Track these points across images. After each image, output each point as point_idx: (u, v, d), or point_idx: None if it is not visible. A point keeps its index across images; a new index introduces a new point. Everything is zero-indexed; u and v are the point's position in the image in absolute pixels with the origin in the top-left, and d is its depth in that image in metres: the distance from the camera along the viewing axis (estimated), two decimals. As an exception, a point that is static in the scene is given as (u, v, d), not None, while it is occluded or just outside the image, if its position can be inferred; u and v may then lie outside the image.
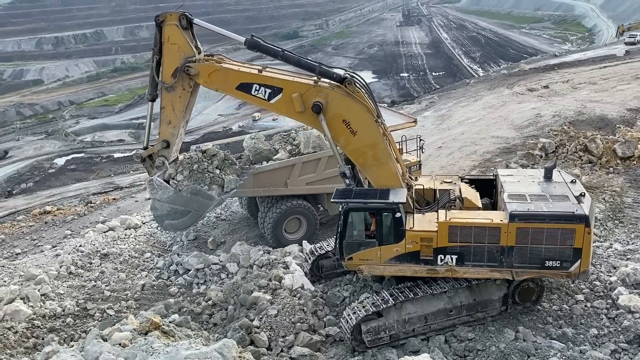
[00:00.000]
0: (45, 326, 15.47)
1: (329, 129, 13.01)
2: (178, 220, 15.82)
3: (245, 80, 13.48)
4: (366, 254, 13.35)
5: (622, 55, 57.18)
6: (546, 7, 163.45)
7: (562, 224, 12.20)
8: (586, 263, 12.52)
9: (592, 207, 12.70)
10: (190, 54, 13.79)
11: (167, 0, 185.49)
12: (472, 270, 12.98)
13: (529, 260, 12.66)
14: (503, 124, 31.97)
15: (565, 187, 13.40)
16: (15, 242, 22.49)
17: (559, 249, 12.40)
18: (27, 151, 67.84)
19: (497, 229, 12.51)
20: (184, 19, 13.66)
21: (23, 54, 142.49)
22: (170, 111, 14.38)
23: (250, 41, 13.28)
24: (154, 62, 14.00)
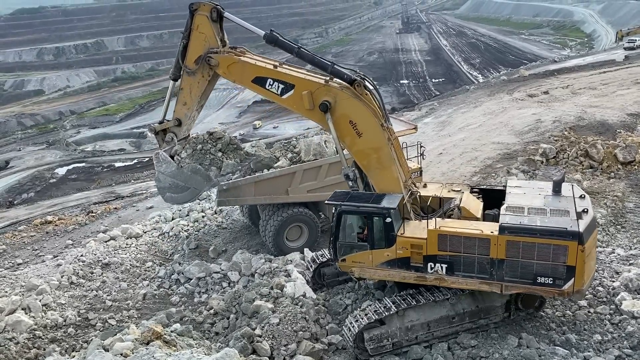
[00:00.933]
0: (46, 336, 15.42)
1: (336, 128, 13.30)
2: (178, 195, 16.71)
3: (261, 74, 13.93)
4: (358, 257, 13.50)
5: (621, 60, 57.29)
6: (545, 13, 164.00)
7: (554, 240, 11.73)
8: (580, 282, 11.92)
9: (590, 224, 12.10)
10: (215, 46, 14.39)
11: (168, 10, 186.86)
12: (462, 280, 12.76)
13: (520, 274, 12.21)
14: (503, 130, 31.98)
15: (570, 202, 12.76)
16: (17, 252, 22.47)
17: (552, 265, 11.91)
18: (28, 161, 67.98)
19: (486, 240, 12.21)
20: (215, 12, 14.25)
21: (24, 65, 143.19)
22: (187, 94, 15.23)
23: (269, 36, 13.74)
24: (181, 45, 14.69)
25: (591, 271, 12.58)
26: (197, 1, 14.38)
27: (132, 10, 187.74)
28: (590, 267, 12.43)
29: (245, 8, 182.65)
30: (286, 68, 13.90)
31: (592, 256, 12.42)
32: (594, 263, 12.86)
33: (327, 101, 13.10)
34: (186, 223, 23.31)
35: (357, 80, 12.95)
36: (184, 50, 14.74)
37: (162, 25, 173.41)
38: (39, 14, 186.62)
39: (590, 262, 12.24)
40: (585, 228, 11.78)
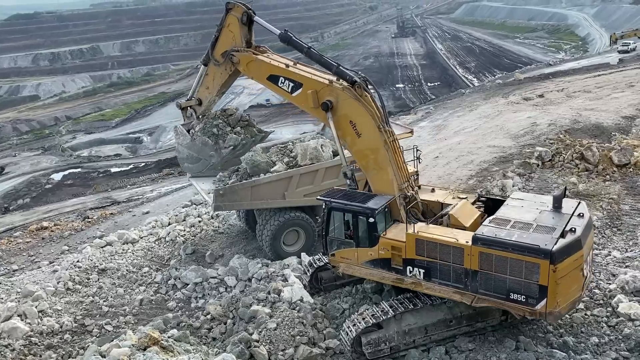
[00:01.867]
0: (42, 343, 15.35)
1: (338, 127, 13.85)
2: (193, 165, 18.62)
3: (274, 72, 14.89)
4: (345, 253, 13.92)
5: (615, 63, 57.62)
6: (540, 17, 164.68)
7: (526, 257, 11.30)
8: (553, 304, 11.39)
9: (572, 244, 11.43)
10: (239, 45, 15.62)
11: (164, 15, 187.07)
12: (437, 287, 12.75)
13: (493, 288, 11.92)
14: (499, 133, 32.07)
15: (564, 220, 12.17)
16: (12, 258, 22.38)
17: (524, 282, 11.48)
18: (23, 167, 67.69)
19: (460, 249, 12.12)
20: (246, 16, 15.33)
21: (19, 70, 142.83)
22: (211, 80, 16.92)
23: (283, 35, 14.81)
24: (214, 37, 16.21)
25: (571, 295, 11.79)
26: (233, 1, 15.52)
27: (127, 16, 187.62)
28: (570, 290, 11.66)
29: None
30: (296, 68, 14.61)
31: (572, 278, 11.60)
32: (576, 287, 11.88)
33: (330, 101, 13.61)
34: (183, 228, 23.27)
35: (357, 82, 13.31)
36: (215, 42, 16.13)
37: (157, 30, 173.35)
38: (35, 19, 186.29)
39: (568, 283, 11.52)
40: (563, 247, 11.22)
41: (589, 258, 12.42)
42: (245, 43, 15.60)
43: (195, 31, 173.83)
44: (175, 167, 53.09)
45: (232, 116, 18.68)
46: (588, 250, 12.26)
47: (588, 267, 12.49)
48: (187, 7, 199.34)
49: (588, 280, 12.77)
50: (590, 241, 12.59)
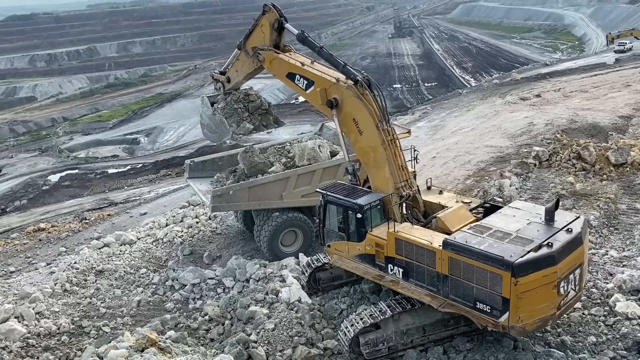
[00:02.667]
0: (40, 345, 15.32)
1: (342, 125, 14.33)
2: (211, 134, 19.80)
3: (292, 70, 15.59)
4: (339, 246, 14.45)
5: (612, 63, 57.75)
6: (536, 17, 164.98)
7: (490, 267, 11.07)
8: (515, 318, 11.06)
9: (543, 259, 10.99)
10: (267, 45, 16.37)
11: (161, 16, 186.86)
12: (412, 288, 12.81)
13: (462, 295, 11.83)
14: (496, 133, 32.11)
15: (548, 233, 11.72)
16: (9, 260, 22.32)
17: (489, 292, 11.27)
18: (20, 168, 67.47)
19: (432, 252, 12.14)
20: (277, 23, 16.20)
21: (16, 72, 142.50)
22: (240, 66, 17.86)
23: (300, 35, 15.63)
24: (248, 30, 16.99)
25: (540, 312, 11.32)
26: (270, 5, 16.24)
27: (124, 17, 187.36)
28: (537, 307, 11.22)
29: (238, 13, 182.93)
30: (311, 66, 15.18)
31: (541, 295, 11.11)
32: (547, 304, 11.33)
33: (335, 98, 14.14)
34: (180, 229, 23.24)
35: (359, 81, 13.75)
36: (248, 35, 16.94)
37: (155, 31, 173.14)
38: (31, 20, 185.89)
39: (534, 299, 11.08)
40: (528, 261, 10.87)
41: (573, 276, 11.74)
42: (274, 46, 16.37)
43: (192, 32, 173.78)
44: (172, 168, 53.08)
45: (253, 103, 19.39)
46: (571, 267, 11.58)
47: (572, 285, 11.79)
48: (184, 8, 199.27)
49: (574, 299, 12.15)
50: (578, 258, 11.77)
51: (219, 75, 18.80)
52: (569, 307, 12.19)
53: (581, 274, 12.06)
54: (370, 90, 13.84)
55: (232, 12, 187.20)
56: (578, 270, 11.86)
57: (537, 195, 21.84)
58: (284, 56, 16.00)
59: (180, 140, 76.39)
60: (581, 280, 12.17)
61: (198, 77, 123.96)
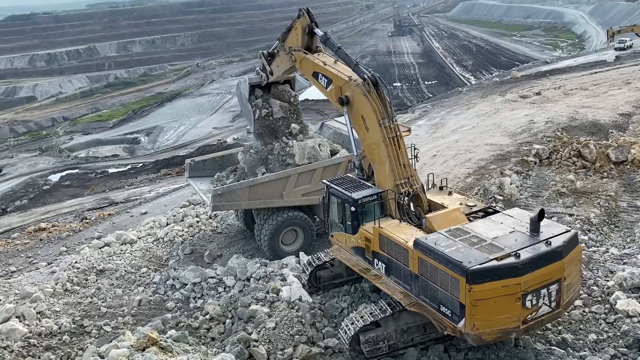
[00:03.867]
0: (41, 344, 15.34)
1: (353, 121, 14.78)
2: (241, 108, 21.62)
3: (316, 69, 16.20)
4: (339, 237, 14.94)
5: (612, 60, 57.67)
6: (536, 14, 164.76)
7: (450, 270, 10.97)
8: (470, 325, 10.86)
9: (504, 269, 10.70)
10: (300, 46, 17.12)
11: (160, 16, 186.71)
12: (391, 284, 12.92)
13: (429, 296, 11.77)
14: (496, 131, 32.10)
15: (525, 244, 11.33)
16: (10, 260, 22.34)
17: (450, 296, 11.17)
18: (21, 168, 67.50)
19: (406, 251, 12.20)
20: (308, 28, 16.97)
21: (16, 71, 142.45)
22: (280, 61, 18.54)
23: (323, 37, 16.61)
24: (287, 29, 17.89)
25: (499, 323, 10.97)
26: (304, 10, 17.13)
27: (124, 16, 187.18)
28: (495, 317, 10.90)
29: (238, 13, 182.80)
30: (331, 65, 15.71)
31: (500, 305, 10.77)
32: (508, 316, 10.92)
33: (347, 96, 14.59)
34: (181, 228, 23.25)
35: (365, 79, 14.17)
36: (287, 32, 17.78)
37: (154, 30, 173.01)
38: (31, 20, 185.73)
39: (492, 309, 10.76)
40: (485, 270, 10.62)
41: (547, 291, 11.17)
42: (306, 48, 17.06)
43: (191, 31, 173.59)
44: (173, 167, 53.08)
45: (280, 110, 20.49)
46: (543, 281, 11.05)
47: (546, 300, 11.24)
48: (184, 7, 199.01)
49: (549, 315, 11.53)
50: (554, 273, 11.19)
51: (266, 61, 19.31)
52: (542, 322, 11.73)
53: (560, 290, 11.39)
54: (377, 88, 14.17)
55: (231, 11, 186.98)
56: (555, 285, 11.27)
57: (537, 193, 21.84)
58: (310, 56, 16.67)
59: (181, 140, 76.40)
60: (560, 296, 11.47)
61: (198, 77, 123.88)
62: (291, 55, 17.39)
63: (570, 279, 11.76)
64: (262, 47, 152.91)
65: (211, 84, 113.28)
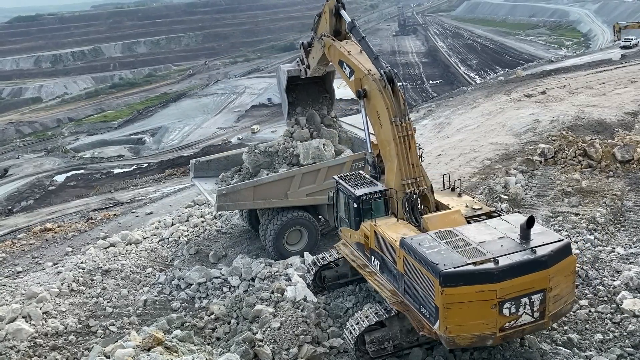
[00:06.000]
0: (47, 344, 15.39)
1: (370, 116, 14.74)
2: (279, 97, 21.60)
3: (341, 58, 16.10)
4: (346, 232, 15.03)
5: (618, 59, 57.45)
6: (541, 13, 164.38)
7: (427, 272, 10.89)
8: (443, 327, 10.71)
9: (480, 275, 10.49)
10: (328, 31, 17.10)
11: (165, 16, 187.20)
12: (383, 282, 12.88)
13: (412, 296, 11.72)
14: (501, 130, 32.02)
15: (510, 250, 11.06)
16: (17, 260, 22.45)
17: (427, 297, 11.07)
18: (26, 169, 67.89)
19: (394, 250, 12.17)
20: (334, 9, 16.95)
21: (22, 73, 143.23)
22: (315, 52, 18.52)
23: (350, 24, 16.28)
24: (317, 16, 17.95)
25: (473, 328, 10.75)
26: None
27: (129, 17, 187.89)
28: (469, 322, 10.68)
29: (242, 13, 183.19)
30: (354, 55, 15.56)
31: (474, 310, 10.57)
32: (484, 322, 10.69)
33: (364, 89, 14.57)
34: (186, 228, 23.30)
35: (382, 75, 14.06)
36: (318, 20, 17.78)
37: (159, 31, 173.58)
38: (36, 21, 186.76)
39: (465, 313, 10.59)
40: (459, 273, 10.49)
41: (529, 300, 10.81)
42: (334, 32, 16.99)
43: (196, 31, 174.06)
44: (177, 167, 53.27)
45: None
46: (524, 290, 10.71)
47: (527, 309, 10.88)
48: (188, 8, 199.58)
49: (531, 325, 11.12)
50: (538, 282, 10.80)
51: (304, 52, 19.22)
52: (523, 332, 11.42)
53: (544, 300, 10.96)
54: (392, 84, 14.02)
55: (235, 11, 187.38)
56: (538, 295, 10.89)
57: (542, 192, 21.77)
58: (337, 44, 16.50)
59: (185, 140, 76.64)
60: (545, 307, 11.04)
61: (202, 77, 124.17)
62: (321, 41, 17.26)
63: (559, 290, 11.35)
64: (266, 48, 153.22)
65: (216, 84, 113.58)
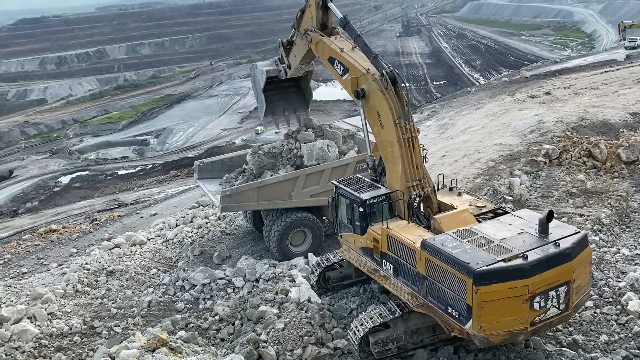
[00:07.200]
0: (52, 345, 15.44)
1: (368, 116, 14.50)
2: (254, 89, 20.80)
3: (332, 54, 15.77)
4: (348, 237, 14.87)
5: (622, 59, 57.19)
6: (545, 14, 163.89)
7: (457, 272, 10.91)
8: (477, 326, 10.76)
9: (513, 271, 10.60)
10: (314, 26, 16.66)
11: (169, 18, 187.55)
12: (399, 285, 12.82)
13: (436, 297, 11.69)
14: (506, 131, 31.94)
15: (534, 245, 11.22)
16: (22, 261, 22.54)
17: (457, 297, 11.09)
18: (31, 170, 68.13)
19: (414, 252, 12.13)
20: (322, 1, 16.51)
21: (27, 74, 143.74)
22: (297, 50, 18.11)
23: (342, 20, 15.96)
24: (300, 11, 17.56)
25: (506, 325, 10.85)
26: None
27: (133, 19, 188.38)
28: (503, 319, 10.78)
29: (246, 14, 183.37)
30: (348, 53, 15.25)
31: (507, 307, 10.68)
32: (516, 318, 10.80)
33: (363, 89, 14.27)
34: (190, 229, 23.34)
35: (384, 75, 13.80)
36: (301, 15, 17.39)
37: (163, 32, 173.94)
38: (41, 23, 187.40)
39: (499, 311, 10.67)
40: (493, 271, 10.57)
41: (555, 293, 11.04)
42: (321, 25, 16.56)
43: (200, 33, 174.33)
44: (182, 168, 53.35)
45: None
46: (551, 283, 10.93)
47: (554, 302, 11.11)
48: (192, 9, 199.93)
49: (558, 317, 11.37)
50: (563, 275, 11.06)
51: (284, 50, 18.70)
52: (550, 325, 11.64)
53: (569, 292, 11.24)
54: (395, 85, 13.83)
55: (240, 12, 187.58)
56: (563, 287, 11.15)
57: (547, 193, 21.71)
58: (327, 40, 16.08)
59: (190, 141, 76.74)
60: (569, 299, 11.32)
61: (206, 78, 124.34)
62: (307, 36, 16.72)
63: (580, 281, 11.64)
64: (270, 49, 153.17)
65: (220, 85, 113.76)
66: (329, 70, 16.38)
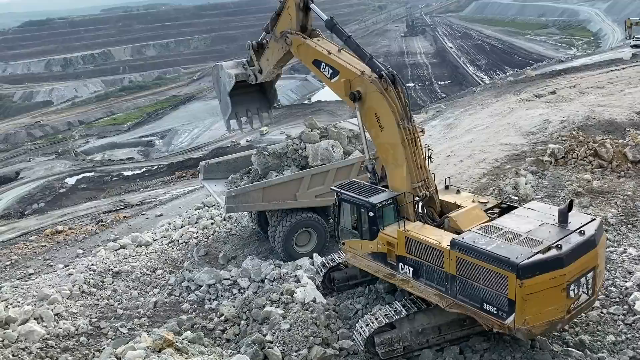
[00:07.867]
0: (59, 346, 15.50)
1: (364, 119, 14.18)
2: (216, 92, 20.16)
3: (318, 57, 15.28)
4: (353, 244, 14.59)
5: (628, 58, 56.90)
6: (550, 13, 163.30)
7: (496, 267, 10.97)
8: (521, 320, 10.90)
9: (551, 261, 10.80)
10: (293, 28, 15.92)
11: (174, 19, 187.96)
12: (422, 287, 12.74)
13: (469, 295, 11.72)
14: (511, 130, 31.83)
15: (560, 235, 11.50)
16: (28, 262, 22.63)
17: (496, 294, 11.17)
18: (38, 172, 68.47)
19: (441, 252, 12.05)
20: (303, 2, 15.77)
21: (33, 76, 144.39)
22: (270, 53, 17.22)
23: (328, 21, 15.30)
24: (274, 14, 16.61)
25: (547, 315, 11.08)
26: None
27: (138, 20, 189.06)
28: (544, 310, 11.00)
29: (251, 15, 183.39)
30: (337, 55, 14.86)
31: (548, 297, 10.90)
32: (555, 307, 11.07)
33: (359, 91, 13.95)
34: (195, 230, 23.38)
35: (383, 76, 13.54)
36: (276, 18, 16.50)
37: (168, 34, 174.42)
38: (47, 25, 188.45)
39: (541, 302, 10.87)
40: (535, 263, 10.71)
41: (585, 279, 11.44)
42: (301, 27, 15.98)
43: (205, 34, 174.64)
44: (187, 169, 53.46)
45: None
46: (582, 270, 11.31)
47: (584, 288, 11.51)
48: (197, 11, 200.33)
49: (587, 303, 11.81)
50: (590, 261, 11.45)
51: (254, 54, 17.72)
52: (581, 311, 11.98)
53: (595, 277, 11.69)
54: (395, 86, 13.61)
55: (244, 13, 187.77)
56: (591, 273, 11.54)
57: (553, 193, 21.61)
58: (310, 42, 15.56)
59: (195, 142, 76.96)
60: (595, 284, 11.79)
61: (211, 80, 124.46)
62: (286, 39, 15.94)
63: (601, 266, 12.10)
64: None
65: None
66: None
